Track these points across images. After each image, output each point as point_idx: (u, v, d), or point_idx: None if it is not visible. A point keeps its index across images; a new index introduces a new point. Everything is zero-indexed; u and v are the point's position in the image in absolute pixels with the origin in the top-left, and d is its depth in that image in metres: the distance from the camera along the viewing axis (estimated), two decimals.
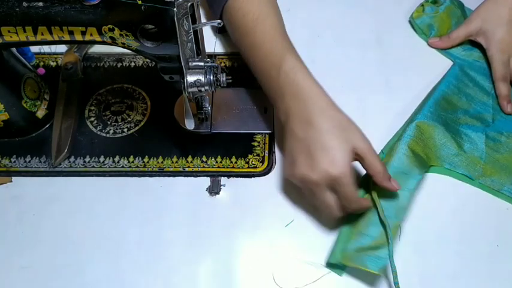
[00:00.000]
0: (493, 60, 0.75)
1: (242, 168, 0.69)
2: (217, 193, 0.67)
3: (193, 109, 0.68)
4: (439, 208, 0.66)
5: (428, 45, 0.79)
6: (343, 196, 0.58)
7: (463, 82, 0.75)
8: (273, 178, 0.68)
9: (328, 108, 0.60)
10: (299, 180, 0.60)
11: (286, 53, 0.64)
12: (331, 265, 0.61)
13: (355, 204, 0.59)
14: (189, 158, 0.70)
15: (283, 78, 0.62)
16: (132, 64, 0.78)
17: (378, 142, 0.69)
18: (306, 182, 0.59)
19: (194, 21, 0.57)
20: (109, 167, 0.69)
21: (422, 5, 0.81)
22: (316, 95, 0.61)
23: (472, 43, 0.79)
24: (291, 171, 0.61)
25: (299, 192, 0.64)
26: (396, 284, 0.58)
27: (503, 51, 0.75)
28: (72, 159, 0.69)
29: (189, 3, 0.54)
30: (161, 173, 0.69)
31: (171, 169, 0.69)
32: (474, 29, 0.77)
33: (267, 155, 0.70)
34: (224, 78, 0.61)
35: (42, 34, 0.57)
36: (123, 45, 0.58)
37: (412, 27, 0.82)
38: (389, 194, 0.63)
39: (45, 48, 0.79)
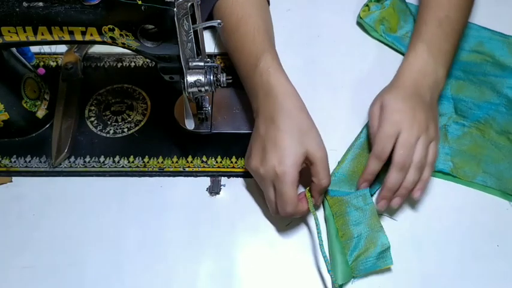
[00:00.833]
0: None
1: (242, 168, 0.69)
2: (217, 193, 0.67)
3: (193, 109, 0.68)
4: (439, 208, 0.66)
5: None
6: (279, 194, 0.60)
7: None
8: None
9: (293, 110, 0.61)
10: (252, 172, 0.64)
11: (264, 53, 0.65)
12: (340, 286, 0.60)
13: (289, 207, 0.60)
14: (189, 158, 0.70)
15: (258, 77, 0.64)
16: (132, 64, 0.78)
17: None
18: (256, 175, 0.63)
19: (194, 21, 0.57)
20: (109, 167, 0.69)
21: (367, 5, 0.82)
22: (286, 95, 0.62)
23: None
24: (247, 163, 0.64)
25: None
26: (329, 271, 0.59)
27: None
28: (72, 159, 0.69)
29: (189, 3, 0.54)
30: (161, 173, 0.69)
31: (171, 169, 0.69)
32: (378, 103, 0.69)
33: None
34: (224, 78, 0.61)
35: (42, 34, 0.57)
36: (123, 45, 0.58)
37: (361, 27, 0.82)
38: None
39: (45, 48, 0.79)
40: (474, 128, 0.72)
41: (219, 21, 0.58)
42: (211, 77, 0.60)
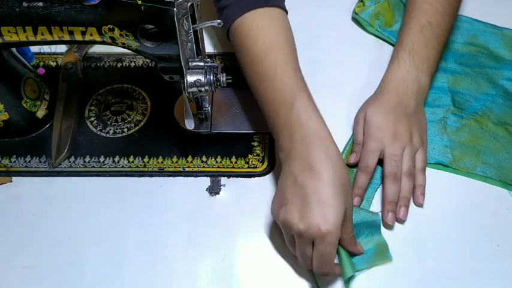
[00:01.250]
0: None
1: (242, 168, 0.69)
2: (217, 193, 0.67)
3: (193, 109, 0.68)
4: (439, 208, 0.66)
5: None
6: (320, 254, 0.55)
7: None
8: (273, 178, 0.68)
9: (335, 160, 0.57)
10: (283, 224, 0.57)
11: (300, 91, 0.60)
12: (348, 280, 0.60)
13: (328, 267, 0.57)
14: (189, 158, 0.70)
15: (295, 118, 0.59)
16: (132, 64, 0.78)
17: None
18: (290, 228, 0.56)
19: (194, 21, 0.57)
20: (109, 167, 0.69)
21: (361, 0, 0.82)
22: (326, 141, 0.58)
23: None
24: (278, 212, 0.58)
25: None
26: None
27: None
28: (72, 159, 0.69)
29: (189, 3, 0.54)
30: (161, 173, 0.69)
31: (171, 169, 0.69)
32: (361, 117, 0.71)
33: (267, 155, 0.70)
34: (224, 78, 0.61)
35: (42, 34, 0.57)
36: (123, 45, 0.58)
37: (357, 22, 0.82)
38: None
39: (45, 48, 0.79)
40: (472, 119, 0.72)
41: (219, 21, 0.58)
42: (211, 77, 0.60)
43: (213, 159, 0.70)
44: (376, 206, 0.66)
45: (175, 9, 0.53)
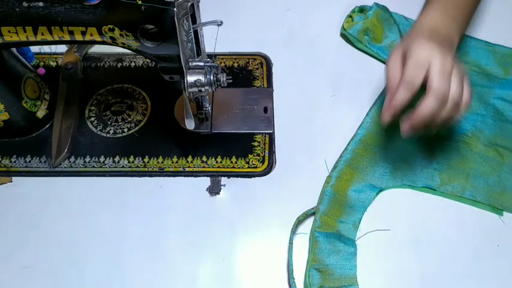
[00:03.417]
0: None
1: (242, 168, 0.69)
2: (217, 193, 0.67)
3: (193, 109, 0.68)
4: (438, 208, 0.66)
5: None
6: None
7: None
8: (273, 178, 0.68)
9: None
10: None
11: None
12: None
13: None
14: (189, 158, 0.70)
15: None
16: (132, 64, 0.78)
17: None
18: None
19: (194, 21, 0.57)
20: (109, 167, 0.69)
21: (350, 15, 0.81)
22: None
23: None
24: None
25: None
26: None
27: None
28: (72, 159, 0.69)
29: (189, 3, 0.54)
30: (161, 173, 0.69)
31: (171, 169, 0.69)
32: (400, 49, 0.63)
33: (267, 155, 0.70)
34: (224, 78, 0.61)
35: (43, 34, 0.57)
36: (123, 45, 0.58)
37: (345, 38, 0.80)
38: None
39: (45, 48, 0.79)
40: (461, 142, 0.70)
41: (219, 21, 0.58)
42: (211, 77, 0.60)
43: (213, 159, 0.70)
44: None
45: (175, 9, 0.53)
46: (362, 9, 0.81)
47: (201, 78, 0.59)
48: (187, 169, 0.69)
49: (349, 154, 0.69)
